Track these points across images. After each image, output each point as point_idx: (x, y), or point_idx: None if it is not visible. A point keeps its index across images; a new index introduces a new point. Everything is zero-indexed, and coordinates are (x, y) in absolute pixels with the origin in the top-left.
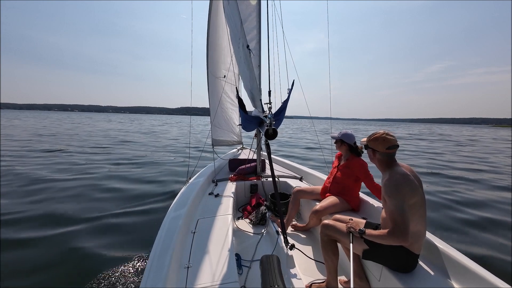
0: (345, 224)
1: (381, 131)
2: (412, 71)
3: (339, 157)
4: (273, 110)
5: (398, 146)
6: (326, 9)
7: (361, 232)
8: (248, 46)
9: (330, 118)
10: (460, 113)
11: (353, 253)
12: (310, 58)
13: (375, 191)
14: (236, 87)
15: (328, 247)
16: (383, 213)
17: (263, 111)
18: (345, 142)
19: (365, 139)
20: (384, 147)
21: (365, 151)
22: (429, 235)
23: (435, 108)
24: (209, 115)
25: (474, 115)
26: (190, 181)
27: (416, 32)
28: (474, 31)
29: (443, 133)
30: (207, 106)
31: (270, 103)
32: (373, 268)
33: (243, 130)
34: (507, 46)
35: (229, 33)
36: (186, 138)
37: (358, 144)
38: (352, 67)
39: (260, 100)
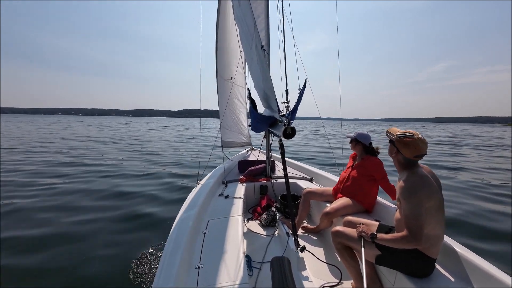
0: (355, 230)
1: (418, 135)
2: (415, 71)
3: (353, 158)
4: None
5: (425, 154)
6: (327, 9)
7: (373, 237)
8: (262, 47)
9: (341, 119)
10: (464, 112)
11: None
12: (310, 59)
13: (389, 192)
14: (248, 88)
15: (345, 253)
16: (397, 215)
17: (279, 111)
18: (360, 142)
19: (394, 130)
20: (412, 155)
21: (381, 151)
22: (446, 239)
23: (438, 108)
24: (212, 117)
25: (478, 114)
26: (200, 182)
27: (417, 32)
28: (477, 30)
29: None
30: (210, 108)
31: (288, 102)
32: (387, 272)
33: (252, 132)
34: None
35: (239, 35)
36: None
37: (387, 135)
38: (353, 67)
39: (276, 99)
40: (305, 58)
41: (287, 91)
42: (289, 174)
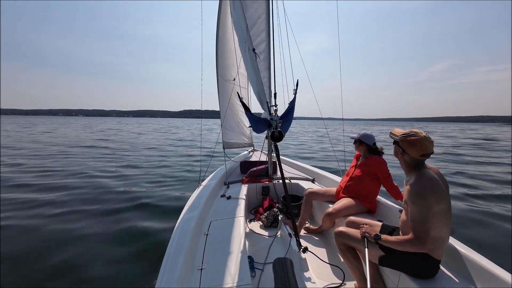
0: (358, 230)
1: (422, 134)
2: (416, 70)
3: (357, 158)
4: (280, 112)
5: (432, 153)
6: (326, 10)
7: (377, 238)
8: (254, 50)
9: (342, 119)
10: (466, 112)
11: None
12: (310, 59)
13: (392, 191)
14: (238, 92)
15: (348, 254)
16: (403, 216)
17: (270, 114)
18: (363, 142)
19: (397, 131)
20: (419, 154)
21: (385, 151)
22: (451, 240)
23: (440, 107)
24: (212, 117)
25: (480, 113)
26: (202, 183)
27: (418, 32)
28: (478, 29)
29: None
30: (210, 108)
31: (275, 105)
32: (391, 273)
33: (254, 132)
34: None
35: (236, 37)
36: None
37: (391, 136)
38: (354, 67)
39: (267, 102)
40: (305, 59)
41: (275, 94)
42: (290, 175)
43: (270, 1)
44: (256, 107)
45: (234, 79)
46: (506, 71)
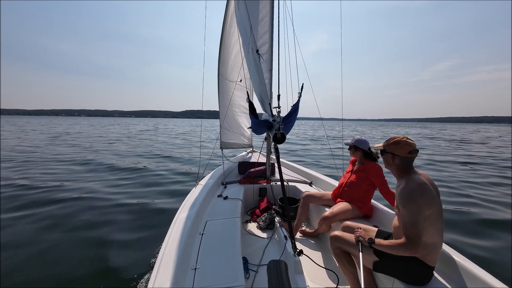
0: (353, 234)
1: (401, 136)
2: (418, 69)
3: (353, 163)
4: (283, 114)
5: (418, 151)
6: (327, 10)
7: (371, 242)
8: (257, 51)
9: (342, 120)
10: (470, 112)
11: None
12: (312, 60)
13: (388, 198)
14: (247, 91)
15: (342, 258)
16: (395, 221)
17: (272, 115)
18: (359, 148)
19: (380, 144)
20: (406, 152)
21: (381, 157)
22: (445, 247)
23: (443, 107)
24: (214, 118)
25: (485, 113)
26: (199, 182)
27: (420, 31)
28: (481, 28)
29: None
30: (213, 109)
31: (279, 107)
32: (385, 279)
33: (253, 133)
34: None
35: (240, 38)
36: None
37: (372, 150)
38: (356, 67)
39: (270, 104)
40: (306, 59)
41: (278, 96)
42: (288, 177)
43: (275, 3)
44: (256, 108)
45: (241, 80)
46: (507, 71)
